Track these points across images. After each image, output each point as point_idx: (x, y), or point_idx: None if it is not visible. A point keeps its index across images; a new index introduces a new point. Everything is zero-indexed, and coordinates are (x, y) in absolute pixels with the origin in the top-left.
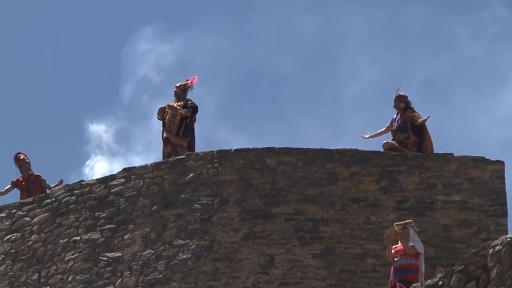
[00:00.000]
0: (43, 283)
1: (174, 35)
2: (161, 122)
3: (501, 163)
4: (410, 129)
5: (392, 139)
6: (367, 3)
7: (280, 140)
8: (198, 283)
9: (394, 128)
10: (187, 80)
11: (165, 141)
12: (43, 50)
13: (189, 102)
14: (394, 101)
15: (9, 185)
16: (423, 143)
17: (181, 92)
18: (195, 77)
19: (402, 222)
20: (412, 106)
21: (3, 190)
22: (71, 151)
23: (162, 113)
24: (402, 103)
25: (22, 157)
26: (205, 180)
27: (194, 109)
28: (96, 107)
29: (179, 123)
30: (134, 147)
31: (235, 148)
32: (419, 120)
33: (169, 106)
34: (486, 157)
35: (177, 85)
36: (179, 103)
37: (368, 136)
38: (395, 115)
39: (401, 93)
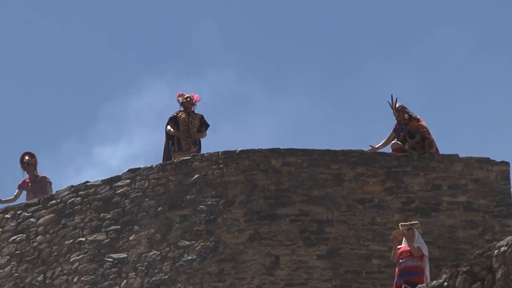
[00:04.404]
0: (48, 284)
1: None
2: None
3: (507, 164)
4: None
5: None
6: None
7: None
8: (204, 284)
9: (400, 137)
10: (187, 97)
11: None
12: None
13: (203, 119)
14: (397, 112)
15: (17, 190)
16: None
17: (190, 105)
18: (194, 94)
19: (408, 223)
20: (414, 115)
21: (12, 197)
22: None
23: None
24: (406, 114)
25: (26, 158)
26: (210, 181)
27: (207, 128)
28: None
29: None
30: None
31: (240, 149)
32: (415, 140)
33: (193, 134)
34: (491, 158)
35: (186, 96)
36: (192, 118)
37: (371, 149)
38: (397, 125)
39: (398, 105)
